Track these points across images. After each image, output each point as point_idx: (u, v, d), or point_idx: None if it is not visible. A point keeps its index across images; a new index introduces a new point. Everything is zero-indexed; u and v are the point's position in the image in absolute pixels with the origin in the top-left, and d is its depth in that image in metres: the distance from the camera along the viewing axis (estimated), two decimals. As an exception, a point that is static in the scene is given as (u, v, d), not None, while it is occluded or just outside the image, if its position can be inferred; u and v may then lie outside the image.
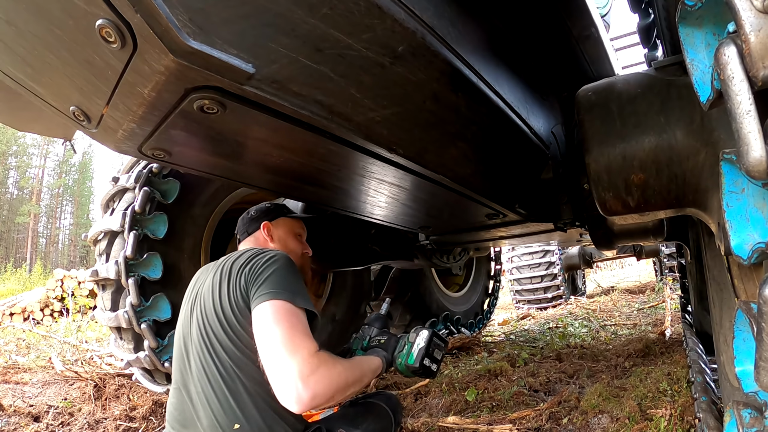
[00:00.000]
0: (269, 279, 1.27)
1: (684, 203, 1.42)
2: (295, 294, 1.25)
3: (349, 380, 1.22)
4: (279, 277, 1.28)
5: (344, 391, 1.20)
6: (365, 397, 1.82)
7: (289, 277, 1.30)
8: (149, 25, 0.71)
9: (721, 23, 0.69)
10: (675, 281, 6.11)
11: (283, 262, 1.35)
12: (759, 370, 0.58)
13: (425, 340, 1.56)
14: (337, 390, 1.17)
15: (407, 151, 1.28)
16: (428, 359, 1.55)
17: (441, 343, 1.62)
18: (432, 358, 1.56)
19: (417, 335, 1.59)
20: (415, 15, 1.04)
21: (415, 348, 1.55)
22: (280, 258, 1.36)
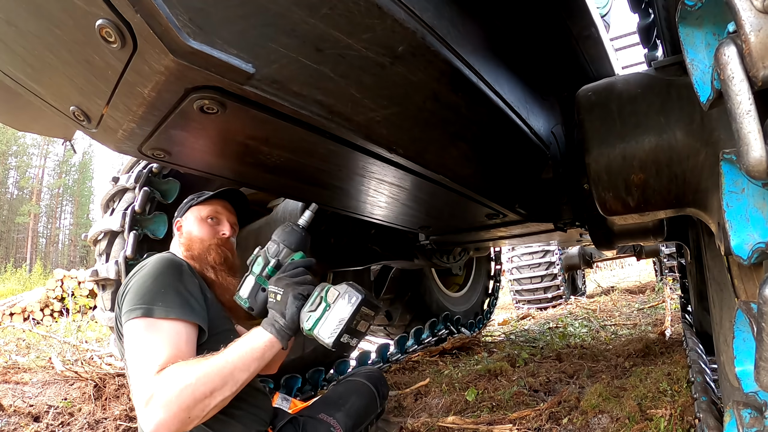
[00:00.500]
0: (127, 298, 1.13)
1: (684, 203, 1.42)
2: (151, 304, 1.09)
3: (207, 390, 1.00)
4: (135, 290, 1.13)
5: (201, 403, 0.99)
6: (346, 376, 1.82)
7: (147, 285, 1.13)
8: (149, 25, 0.71)
9: (721, 23, 0.69)
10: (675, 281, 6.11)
11: (146, 270, 1.18)
12: (759, 370, 0.58)
13: (350, 311, 1.15)
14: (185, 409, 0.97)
15: (407, 151, 1.28)
16: (348, 335, 1.17)
17: (371, 311, 1.21)
18: (354, 333, 1.19)
19: (340, 298, 1.16)
20: (415, 15, 1.04)
21: (333, 317, 1.15)
22: (144, 266, 1.21)
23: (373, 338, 4.37)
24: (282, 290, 1.21)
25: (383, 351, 3.49)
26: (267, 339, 1.15)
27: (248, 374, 1.09)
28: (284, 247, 1.29)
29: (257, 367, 1.12)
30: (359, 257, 2.78)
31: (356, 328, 1.18)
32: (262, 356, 1.13)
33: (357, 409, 1.56)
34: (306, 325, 1.17)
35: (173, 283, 1.16)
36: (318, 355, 2.85)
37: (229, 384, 1.04)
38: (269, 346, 1.15)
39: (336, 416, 1.46)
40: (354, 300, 1.17)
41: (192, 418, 0.99)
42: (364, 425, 1.60)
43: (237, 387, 1.07)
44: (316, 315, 1.17)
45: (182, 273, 1.23)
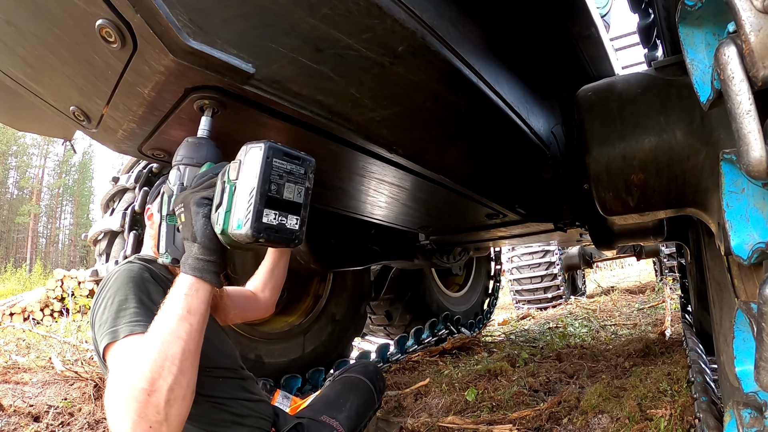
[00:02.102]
0: (96, 324, 1.01)
1: (684, 203, 1.42)
2: (116, 326, 0.96)
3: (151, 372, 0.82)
4: (101, 315, 1.01)
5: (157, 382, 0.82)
6: (341, 372, 1.79)
7: (110, 305, 1.00)
8: (149, 25, 0.71)
9: (721, 23, 0.69)
10: (675, 281, 6.11)
11: (107, 288, 1.06)
12: (759, 370, 0.58)
13: (257, 172, 0.81)
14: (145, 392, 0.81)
15: (407, 151, 1.28)
16: (274, 211, 0.82)
17: (293, 163, 0.87)
18: (279, 204, 0.84)
19: (242, 165, 0.83)
20: (415, 15, 1.04)
21: (241, 195, 0.81)
22: (106, 284, 1.08)
23: (373, 338, 4.37)
24: (182, 206, 0.91)
25: (383, 351, 3.49)
26: (187, 285, 0.89)
27: (183, 342, 0.86)
28: (186, 165, 0.97)
29: (190, 328, 0.87)
30: (359, 257, 2.78)
31: (280, 195, 0.83)
32: (189, 312, 0.87)
33: (357, 408, 1.57)
34: (218, 228, 0.84)
35: (134, 296, 1.02)
36: (318, 355, 2.85)
37: (167, 365, 0.83)
38: (193, 294, 0.88)
39: (339, 418, 1.46)
40: (257, 155, 0.82)
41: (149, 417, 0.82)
42: (364, 423, 1.62)
43: (178, 364, 0.85)
44: (223, 208, 0.83)
45: (143, 282, 1.08)
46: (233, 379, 1.25)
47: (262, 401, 1.34)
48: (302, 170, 0.88)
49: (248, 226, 0.80)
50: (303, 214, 0.88)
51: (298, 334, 2.78)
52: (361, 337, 4.13)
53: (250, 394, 1.29)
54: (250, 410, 1.26)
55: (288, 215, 0.85)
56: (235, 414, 1.20)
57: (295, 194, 0.87)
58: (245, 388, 1.28)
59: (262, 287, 1.58)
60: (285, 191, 0.85)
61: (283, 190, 0.84)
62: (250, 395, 1.29)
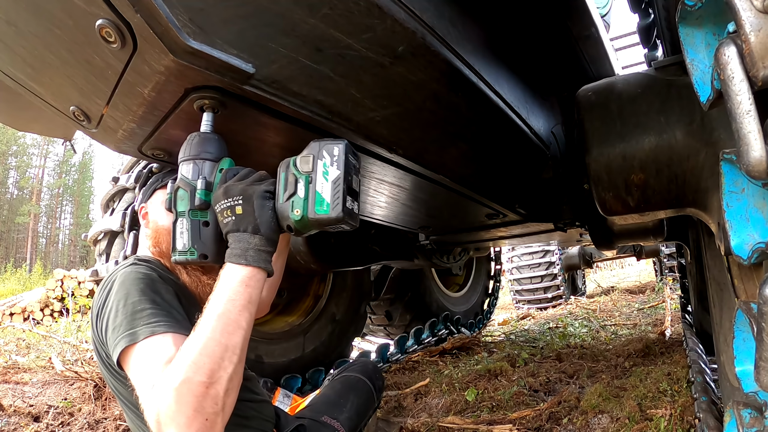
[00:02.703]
0: (110, 327, 0.98)
1: (684, 203, 1.42)
2: (134, 328, 0.94)
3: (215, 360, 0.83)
4: (113, 319, 0.98)
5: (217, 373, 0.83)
6: (341, 371, 1.79)
7: (123, 308, 0.98)
8: (149, 25, 0.71)
9: (721, 23, 0.69)
10: (675, 281, 6.10)
11: (116, 291, 1.03)
12: (759, 370, 0.58)
13: (342, 164, 0.93)
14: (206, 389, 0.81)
15: (407, 151, 1.28)
16: (351, 198, 0.95)
17: (356, 161, 1.01)
18: (353, 193, 0.97)
19: (318, 159, 0.93)
20: (415, 15, 1.04)
21: (323, 184, 0.91)
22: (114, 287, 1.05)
23: (373, 338, 4.37)
24: (240, 198, 0.92)
25: (383, 351, 3.49)
26: (247, 275, 0.90)
27: (244, 331, 0.89)
28: (203, 161, 0.97)
29: (250, 317, 0.90)
30: (359, 257, 2.78)
31: (352, 185, 0.96)
32: (250, 300, 0.90)
33: (357, 408, 1.57)
34: (294, 215, 0.90)
35: (146, 297, 1.00)
36: (318, 355, 2.85)
37: (228, 355, 0.85)
38: (254, 283, 0.91)
39: (340, 419, 1.46)
40: (338, 151, 0.92)
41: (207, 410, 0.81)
42: (364, 422, 1.62)
43: (239, 353, 0.87)
44: (300, 195, 0.90)
45: (153, 283, 1.06)
46: None
47: (265, 401, 1.34)
48: (359, 165, 1.03)
49: (338, 209, 0.91)
50: (359, 200, 1.02)
51: (298, 334, 2.78)
52: (361, 337, 4.13)
53: (253, 395, 1.28)
54: (255, 411, 1.25)
55: (355, 202, 0.98)
56: (240, 416, 1.18)
57: (357, 184, 1.00)
58: (249, 388, 1.27)
59: None
60: (353, 182, 0.98)
61: (353, 181, 0.98)
62: (254, 396, 1.28)
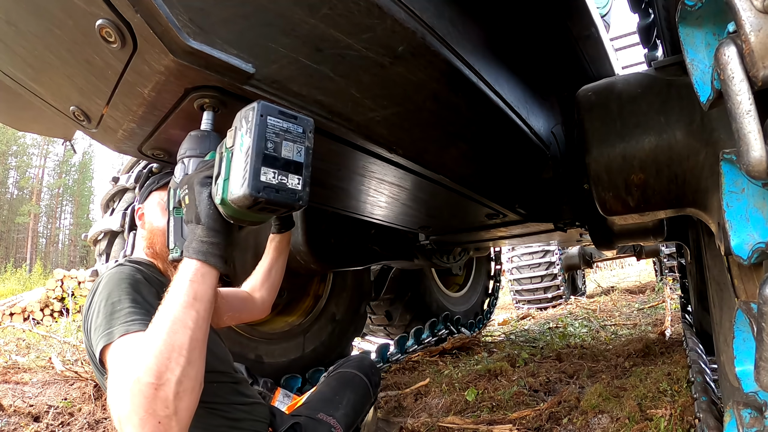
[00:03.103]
0: (91, 329, 0.99)
1: (684, 203, 1.42)
2: (111, 327, 0.94)
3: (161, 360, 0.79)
4: (95, 320, 0.99)
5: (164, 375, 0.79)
6: (336, 367, 1.78)
7: (103, 308, 0.99)
8: (149, 25, 0.71)
9: (721, 23, 0.69)
10: (675, 281, 6.10)
11: (99, 291, 1.04)
12: (759, 370, 0.58)
13: (254, 133, 0.77)
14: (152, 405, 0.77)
15: (407, 151, 1.28)
16: (272, 169, 0.78)
17: (290, 123, 0.83)
18: (278, 162, 0.79)
19: (238, 130, 0.81)
20: (415, 15, 1.04)
21: (238, 158, 0.78)
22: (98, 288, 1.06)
23: (373, 338, 4.37)
24: (186, 188, 0.89)
25: (383, 351, 3.49)
26: (192, 270, 0.85)
27: (191, 331, 0.83)
28: (189, 158, 0.95)
29: (197, 316, 0.84)
30: (359, 257, 2.78)
31: (278, 153, 0.79)
32: (195, 298, 0.84)
33: (354, 404, 1.57)
34: (218, 199, 0.82)
35: (126, 297, 1.00)
36: (318, 355, 2.85)
37: (174, 356, 0.80)
38: (199, 279, 0.85)
39: (336, 415, 1.46)
40: (250, 115, 0.78)
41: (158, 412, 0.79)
42: (361, 418, 1.62)
43: (185, 355, 0.81)
44: (222, 177, 0.80)
45: (136, 283, 1.06)
46: (227, 384, 1.23)
47: (258, 403, 1.33)
48: (300, 129, 0.83)
49: (246, 185, 0.74)
50: (305, 174, 0.82)
51: (298, 334, 2.78)
52: (361, 337, 4.14)
53: (244, 398, 1.27)
54: (246, 414, 1.25)
55: (288, 174, 0.80)
56: (231, 418, 1.18)
57: (294, 153, 0.81)
58: (240, 391, 1.26)
59: (258, 288, 1.57)
60: (283, 149, 0.80)
61: (280, 148, 0.79)
62: (245, 398, 1.27)
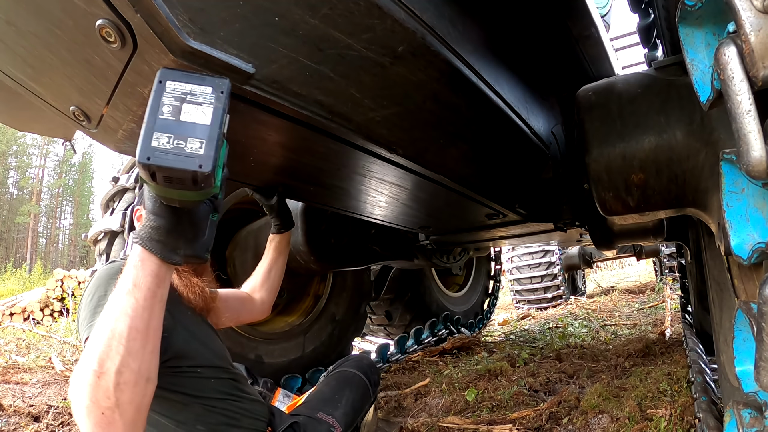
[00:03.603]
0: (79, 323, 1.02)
1: (684, 203, 1.42)
2: (92, 321, 0.97)
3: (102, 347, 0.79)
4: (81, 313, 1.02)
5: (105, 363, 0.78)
6: (336, 367, 1.78)
7: (89, 303, 1.02)
8: (149, 25, 0.71)
9: (721, 23, 0.69)
10: (675, 281, 6.10)
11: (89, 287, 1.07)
12: (759, 370, 0.58)
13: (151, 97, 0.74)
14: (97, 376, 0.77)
15: (407, 151, 1.28)
16: (165, 134, 0.73)
17: (196, 85, 0.77)
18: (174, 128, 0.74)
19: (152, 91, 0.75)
20: (415, 15, 1.04)
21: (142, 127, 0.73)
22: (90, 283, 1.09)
23: (373, 338, 4.37)
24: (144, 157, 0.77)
25: (383, 351, 3.49)
26: (135, 256, 0.83)
27: (129, 318, 0.81)
28: None
29: (135, 304, 0.81)
30: (359, 257, 2.78)
31: (176, 117, 0.75)
32: (135, 285, 0.82)
33: (353, 403, 1.57)
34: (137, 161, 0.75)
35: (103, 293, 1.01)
36: (318, 355, 2.85)
37: (114, 344, 0.79)
38: (139, 265, 0.83)
39: (335, 415, 1.46)
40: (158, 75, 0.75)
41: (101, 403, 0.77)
42: (360, 417, 1.62)
43: (125, 344, 0.79)
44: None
45: None
46: (225, 379, 1.22)
47: (256, 401, 1.32)
48: (208, 89, 0.77)
49: (138, 153, 0.70)
50: (211, 135, 0.75)
51: (298, 334, 2.78)
52: (361, 337, 4.14)
53: (243, 394, 1.27)
54: (244, 411, 1.24)
55: (188, 138, 0.74)
56: (229, 416, 1.18)
57: (198, 116, 0.75)
58: (238, 388, 1.25)
59: (258, 288, 1.58)
60: (182, 113, 0.74)
61: (179, 112, 0.74)
62: (244, 395, 1.27)
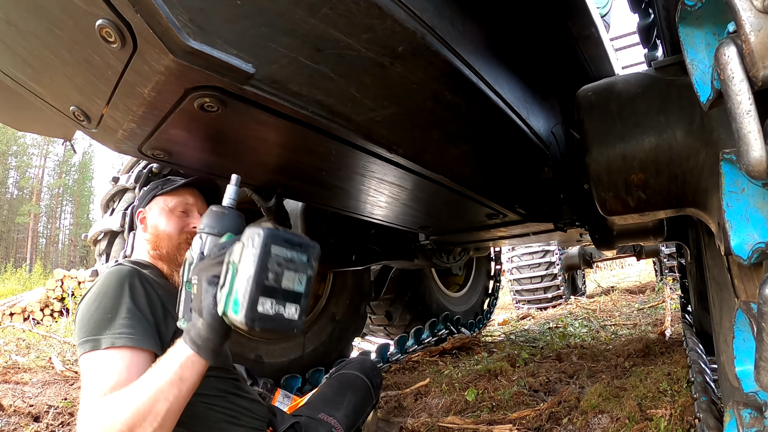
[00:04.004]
0: (77, 326, 1.03)
1: (684, 203, 1.42)
2: (98, 335, 0.98)
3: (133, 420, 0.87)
4: (81, 320, 1.03)
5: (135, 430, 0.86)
6: (338, 369, 1.79)
7: (92, 313, 1.02)
8: (149, 25, 0.71)
9: (721, 23, 0.69)
10: (675, 281, 6.10)
11: (94, 291, 1.07)
12: (759, 370, 0.58)
13: (255, 261, 0.79)
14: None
15: (407, 151, 1.28)
16: (269, 299, 0.80)
17: (295, 252, 0.84)
18: (276, 293, 0.81)
19: (245, 249, 0.82)
20: (415, 15, 1.04)
21: (240, 281, 0.81)
22: (94, 286, 1.10)
23: (373, 338, 4.37)
24: (196, 278, 0.93)
25: (383, 351, 3.49)
26: (185, 356, 0.91)
27: (170, 403, 0.89)
28: (207, 235, 1.01)
29: (179, 394, 0.90)
30: (359, 257, 2.78)
31: (278, 284, 0.81)
32: (181, 379, 0.90)
33: (355, 405, 1.57)
34: (219, 309, 0.85)
35: (121, 305, 1.03)
36: (318, 355, 2.85)
37: (149, 419, 0.87)
38: (188, 365, 0.90)
39: (336, 416, 1.46)
40: (256, 242, 0.80)
41: None
42: (362, 419, 1.62)
43: (160, 420, 0.88)
44: (225, 290, 0.83)
45: (132, 289, 1.08)
46: (225, 379, 1.23)
47: (256, 401, 1.33)
48: (304, 257, 0.85)
49: (243, 314, 0.78)
50: (303, 302, 0.85)
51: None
52: (361, 337, 4.14)
53: (244, 393, 1.28)
54: (244, 410, 1.25)
55: (286, 304, 0.82)
56: (229, 415, 1.18)
57: (295, 283, 0.84)
58: (238, 387, 1.27)
59: None
60: (284, 280, 0.82)
61: (281, 279, 0.82)
62: (244, 394, 1.28)
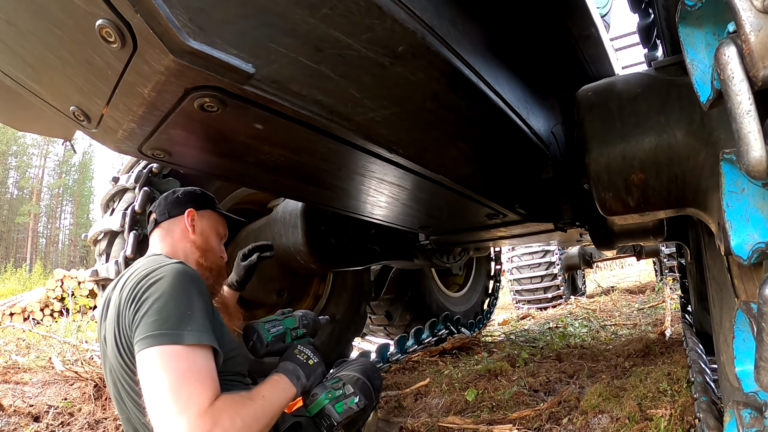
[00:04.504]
0: (148, 316, 1.00)
1: (684, 203, 1.42)
2: (180, 329, 0.98)
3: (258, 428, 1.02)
4: (159, 311, 1.00)
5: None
6: (338, 369, 1.79)
7: (174, 305, 1.01)
8: (149, 25, 0.71)
9: (721, 23, 0.69)
10: (675, 281, 6.10)
11: (169, 283, 1.05)
12: (759, 370, 0.58)
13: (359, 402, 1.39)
14: None
15: (407, 151, 1.28)
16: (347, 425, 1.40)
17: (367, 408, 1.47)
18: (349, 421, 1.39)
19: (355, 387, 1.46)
20: (415, 15, 1.04)
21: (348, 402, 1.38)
22: (166, 278, 1.06)
23: (373, 338, 4.37)
24: (314, 358, 1.37)
25: (383, 351, 3.49)
26: (294, 392, 1.25)
27: (273, 420, 1.12)
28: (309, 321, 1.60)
29: (279, 414, 1.16)
30: (359, 257, 2.78)
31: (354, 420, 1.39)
32: (286, 404, 1.21)
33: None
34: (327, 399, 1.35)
35: (199, 303, 1.05)
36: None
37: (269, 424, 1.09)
38: (292, 397, 1.24)
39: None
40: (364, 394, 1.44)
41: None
42: (362, 421, 1.62)
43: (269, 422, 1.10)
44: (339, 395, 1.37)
45: (205, 292, 1.11)
46: (241, 384, 1.28)
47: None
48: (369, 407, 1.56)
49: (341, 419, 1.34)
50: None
51: (298, 334, 2.77)
52: (361, 337, 4.14)
53: (248, 381, 1.34)
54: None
55: None
56: None
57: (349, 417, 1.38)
58: (245, 384, 1.31)
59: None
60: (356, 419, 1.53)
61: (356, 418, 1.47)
62: (249, 383, 1.33)
